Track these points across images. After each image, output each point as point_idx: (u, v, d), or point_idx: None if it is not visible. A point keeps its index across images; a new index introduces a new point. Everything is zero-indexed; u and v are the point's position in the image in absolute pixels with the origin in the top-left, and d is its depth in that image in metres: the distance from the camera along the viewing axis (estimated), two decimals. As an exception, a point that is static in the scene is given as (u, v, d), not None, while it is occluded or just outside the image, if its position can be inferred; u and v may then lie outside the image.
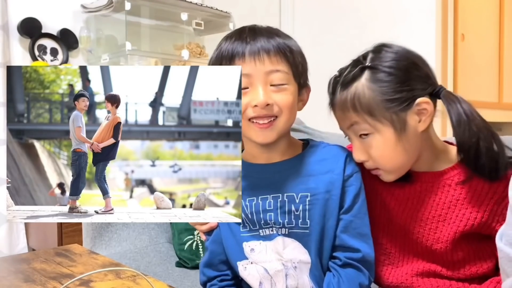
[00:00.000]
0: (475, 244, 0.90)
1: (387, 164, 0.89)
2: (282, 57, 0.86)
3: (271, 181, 0.91)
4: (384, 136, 0.86)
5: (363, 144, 0.89)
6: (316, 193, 0.89)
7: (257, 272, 0.92)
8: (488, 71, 2.65)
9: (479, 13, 2.57)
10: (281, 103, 0.85)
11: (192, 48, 2.64)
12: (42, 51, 2.38)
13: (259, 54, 0.84)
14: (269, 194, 0.90)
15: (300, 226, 0.89)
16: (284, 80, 0.86)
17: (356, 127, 0.88)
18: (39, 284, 0.89)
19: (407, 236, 0.94)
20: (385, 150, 0.87)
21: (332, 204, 0.89)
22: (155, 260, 1.59)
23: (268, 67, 0.84)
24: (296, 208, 0.89)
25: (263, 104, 0.83)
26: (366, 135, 0.88)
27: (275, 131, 0.86)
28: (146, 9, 2.57)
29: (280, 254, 0.91)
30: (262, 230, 0.92)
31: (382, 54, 0.87)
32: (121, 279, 0.91)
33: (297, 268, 0.91)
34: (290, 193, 0.89)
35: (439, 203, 0.91)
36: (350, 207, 0.90)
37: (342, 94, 0.88)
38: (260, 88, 0.84)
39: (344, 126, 0.91)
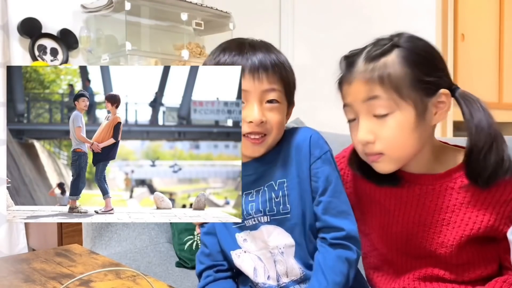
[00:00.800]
0: (480, 247, 0.88)
1: (397, 150, 0.85)
2: (278, 76, 0.89)
3: (255, 178, 0.94)
4: (405, 117, 0.83)
5: (373, 124, 0.85)
6: (291, 178, 0.92)
7: (250, 259, 0.96)
8: (488, 71, 2.66)
9: (479, 13, 2.57)
10: (273, 121, 0.89)
11: (192, 48, 2.64)
12: (42, 51, 2.38)
13: (258, 71, 0.87)
14: (253, 189, 0.94)
15: (281, 212, 0.92)
16: (278, 98, 0.89)
17: (375, 102, 0.84)
18: (39, 284, 0.89)
19: (408, 241, 0.92)
20: (401, 132, 0.84)
21: (304, 186, 0.92)
22: (155, 260, 1.59)
23: (266, 86, 0.87)
24: (276, 195, 0.92)
25: (258, 122, 0.86)
26: (382, 115, 0.84)
27: (265, 147, 0.90)
28: (146, 9, 2.57)
29: (266, 242, 0.94)
30: (246, 221, 0.95)
31: (412, 39, 0.86)
32: (121, 279, 0.91)
33: (284, 253, 0.93)
34: (269, 182, 0.93)
35: (442, 207, 0.89)
36: (326, 189, 0.91)
37: (367, 66, 0.85)
38: (256, 105, 0.87)
39: (358, 99, 0.86)
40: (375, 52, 0.85)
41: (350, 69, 0.88)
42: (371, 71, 0.84)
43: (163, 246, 1.72)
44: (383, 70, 0.83)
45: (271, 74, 0.88)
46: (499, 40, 2.72)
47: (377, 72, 0.83)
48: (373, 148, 0.86)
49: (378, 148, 0.86)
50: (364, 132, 0.86)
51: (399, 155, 0.86)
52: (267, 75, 0.87)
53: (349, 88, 0.88)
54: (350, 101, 0.88)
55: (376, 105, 0.84)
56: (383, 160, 0.87)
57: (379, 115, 0.84)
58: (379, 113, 0.84)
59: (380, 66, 0.83)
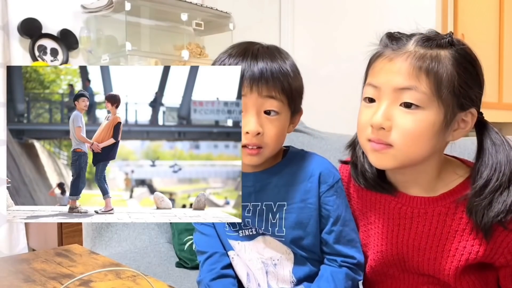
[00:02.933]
0: (480, 273, 0.85)
1: (410, 146, 0.79)
2: (279, 86, 0.86)
3: (252, 190, 0.94)
4: (432, 118, 0.77)
5: (396, 111, 0.79)
6: (291, 202, 0.92)
7: (243, 265, 0.97)
8: (488, 71, 2.65)
9: (479, 13, 2.57)
10: (270, 134, 0.87)
11: (192, 48, 2.64)
12: (42, 51, 2.38)
13: (257, 82, 0.85)
14: (249, 202, 0.93)
15: (276, 234, 0.93)
16: (278, 108, 0.87)
17: (411, 92, 0.77)
18: (39, 284, 0.89)
19: (407, 261, 0.90)
20: (422, 130, 0.77)
21: (308, 212, 0.91)
22: (155, 260, 1.59)
23: (264, 97, 0.86)
24: (273, 216, 0.92)
25: (254, 133, 0.85)
26: (411, 105, 0.77)
27: (261, 158, 0.89)
28: (146, 9, 2.57)
29: (261, 253, 0.95)
30: (241, 231, 0.95)
31: (466, 46, 0.81)
32: (121, 279, 0.91)
33: (277, 264, 0.94)
34: (268, 202, 0.92)
35: (435, 233, 0.85)
36: (338, 218, 0.92)
37: (418, 49, 0.78)
38: (253, 116, 0.85)
39: (392, 83, 0.79)
40: (431, 40, 0.79)
41: (396, 44, 0.81)
42: (421, 58, 0.77)
43: (163, 246, 1.72)
44: (434, 62, 0.77)
45: (271, 85, 0.85)
46: (499, 40, 2.72)
47: (427, 62, 0.77)
48: (385, 136, 0.79)
49: (392, 138, 0.79)
50: (382, 116, 0.79)
51: (408, 154, 0.80)
52: (266, 86, 0.85)
53: (387, 65, 0.80)
54: (380, 83, 0.81)
55: (409, 95, 0.77)
56: (388, 153, 0.80)
57: (407, 103, 0.77)
58: (408, 102, 0.77)
59: (432, 56, 0.77)
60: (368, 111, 0.83)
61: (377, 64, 0.83)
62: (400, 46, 0.80)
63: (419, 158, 0.81)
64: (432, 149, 0.81)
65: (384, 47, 0.83)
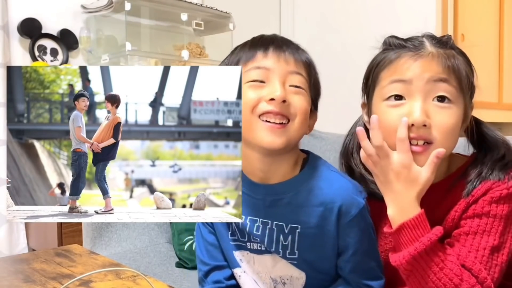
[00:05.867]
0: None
1: (450, 141, 0.79)
2: (305, 67, 0.82)
3: (262, 204, 0.85)
4: (459, 112, 0.80)
5: (432, 107, 0.78)
6: (306, 226, 0.83)
7: (250, 281, 0.91)
8: (488, 71, 2.65)
9: (479, 13, 2.57)
10: (298, 105, 0.78)
11: (192, 48, 2.63)
12: (42, 51, 2.38)
13: (285, 53, 0.80)
14: (259, 218, 0.85)
15: (287, 256, 0.86)
16: (304, 84, 0.81)
17: (444, 84, 0.78)
18: (39, 284, 0.89)
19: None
20: (456, 127, 0.80)
21: (324, 238, 0.84)
22: (155, 260, 1.59)
23: (292, 68, 0.80)
24: (284, 238, 0.84)
25: (280, 99, 0.75)
26: (446, 99, 0.79)
27: (285, 136, 0.78)
28: (146, 9, 2.57)
29: (269, 270, 0.88)
30: (250, 243, 0.89)
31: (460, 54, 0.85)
32: (121, 279, 0.91)
33: (287, 284, 0.88)
34: (279, 222, 0.84)
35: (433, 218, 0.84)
36: (357, 250, 0.84)
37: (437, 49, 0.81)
38: (278, 83, 0.78)
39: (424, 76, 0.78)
40: (442, 41, 0.82)
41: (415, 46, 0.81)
42: (445, 56, 0.80)
43: (163, 246, 1.72)
44: (455, 60, 0.81)
45: (298, 61, 0.81)
46: (499, 40, 2.71)
47: (452, 60, 0.80)
48: (427, 134, 0.77)
49: (434, 135, 0.77)
50: (422, 113, 0.77)
51: (448, 149, 0.80)
52: (295, 60, 0.80)
53: (414, 63, 0.80)
54: (411, 76, 0.79)
55: (444, 87, 0.78)
56: (428, 152, 0.77)
57: (443, 97, 0.78)
58: (443, 95, 0.78)
59: (451, 55, 0.81)
60: (396, 110, 0.80)
61: (401, 63, 0.81)
62: (420, 46, 0.81)
63: (448, 155, 0.83)
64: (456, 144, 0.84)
65: (399, 47, 0.83)
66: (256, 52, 0.81)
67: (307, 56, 0.84)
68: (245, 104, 0.79)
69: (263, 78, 0.79)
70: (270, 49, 0.80)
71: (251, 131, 0.79)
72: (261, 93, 0.78)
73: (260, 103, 0.78)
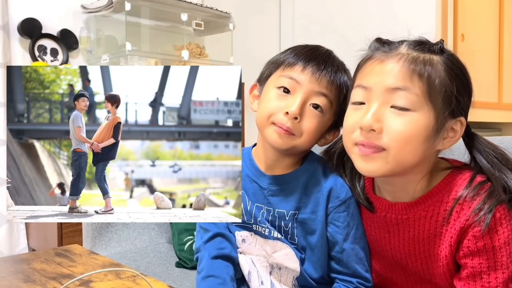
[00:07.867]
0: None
1: (403, 149, 0.75)
2: (335, 91, 0.86)
3: (267, 193, 0.93)
4: (423, 121, 0.75)
5: (387, 113, 0.76)
6: (303, 212, 0.91)
7: (246, 262, 0.95)
8: (488, 71, 2.65)
9: (479, 13, 2.57)
10: (308, 126, 0.85)
11: (192, 48, 2.63)
12: (42, 51, 2.38)
13: (321, 72, 0.85)
14: (264, 205, 0.93)
15: (289, 240, 0.92)
16: (325, 106, 0.86)
17: (402, 92, 0.75)
18: (39, 284, 0.89)
19: (403, 267, 0.88)
20: (414, 133, 0.75)
21: (316, 224, 0.90)
22: (155, 260, 1.59)
23: (320, 88, 0.85)
24: (285, 224, 0.91)
25: (292, 115, 0.83)
26: (402, 108, 0.75)
27: (287, 144, 0.86)
28: (146, 9, 2.57)
29: (269, 254, 0.94)
30: (256, 225, 0.94)
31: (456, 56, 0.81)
32: (121, 279, 0.91)
33: (282, 269, 0.93)
34: (281, 210, 0.92)
35: (419, 238, 0.83)
36: (347, 235, 0.89)
37: (411, 52, 0.77)
38: (300, 99, 0.84)
39: (383, 84, 0.76)
40: (424, 44, 0.79)
41: (387, 47, 0.80)
42: (413, 60, 0.76)
43: (163, 246, 1.72)
44: (427, 65, 0.76)
45: (331, 83, 0.85)
46: (499, 40, 2.72)
47: (420, 65, 0.75)
48: (376, 139, 0.76)
49: (383, 141, 0.75)
50: (372, 117, 0.75)
51: (401, 158, 0.76)
52: (328, 81, 0.85)
53: (378, 66, 0.78)
54: (371, 84, 0.78)
55: (401, 96, 0.75)
56: (380, 157, 0.76)
57: (398, 106, 0.75)
58: (399, 105, 0.75)
59: (425, 60, 0.76)
60: (356, 113, 0.79)
61: (366, 66, 0.81)
62: (391, 49, 0.79)
63: (410, 164, 0.78)
64: (423, 155, 0.78)
65: (375, 50, 0.82)
66: (297, 63, 0.87)
67: (344, 79, 0.88)
68: (265, 108, 0.87)
69: (291, 88, 0.86)
70: (309, 65, 0.85)
71: (263, 128, 0.88)
72: (280, 104, 0.85)
73: (277, 113, 0.85)
